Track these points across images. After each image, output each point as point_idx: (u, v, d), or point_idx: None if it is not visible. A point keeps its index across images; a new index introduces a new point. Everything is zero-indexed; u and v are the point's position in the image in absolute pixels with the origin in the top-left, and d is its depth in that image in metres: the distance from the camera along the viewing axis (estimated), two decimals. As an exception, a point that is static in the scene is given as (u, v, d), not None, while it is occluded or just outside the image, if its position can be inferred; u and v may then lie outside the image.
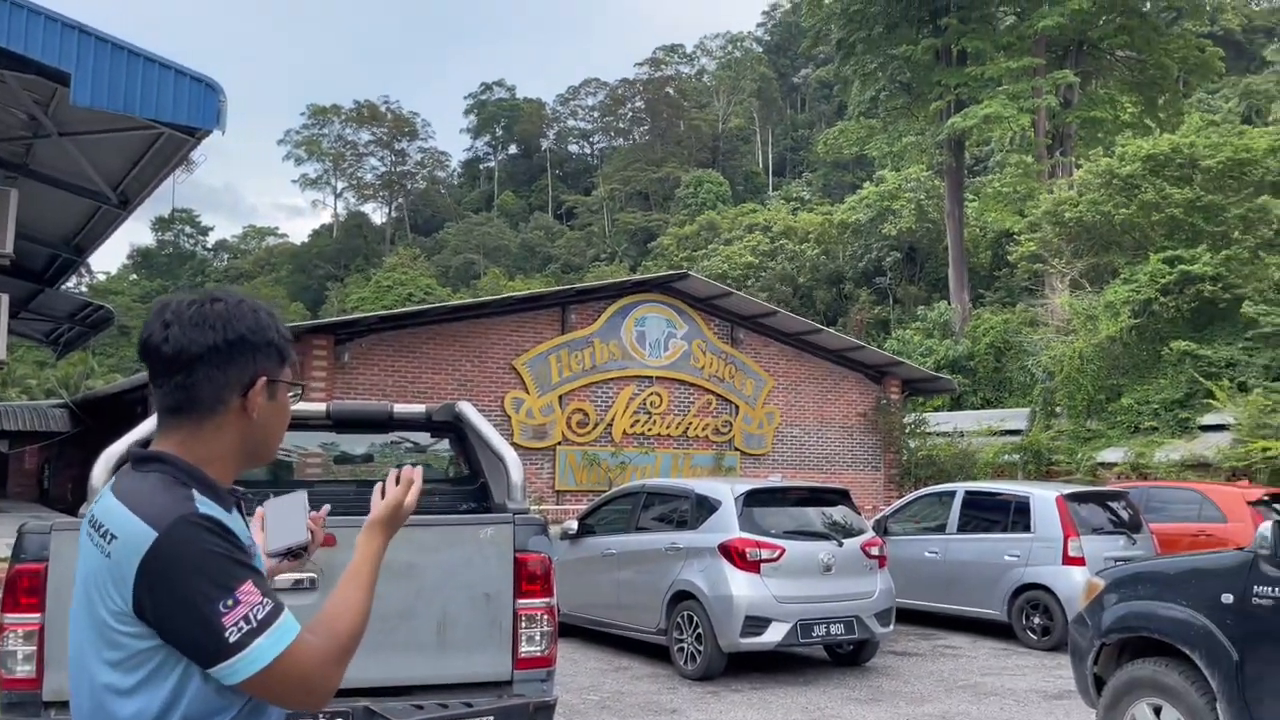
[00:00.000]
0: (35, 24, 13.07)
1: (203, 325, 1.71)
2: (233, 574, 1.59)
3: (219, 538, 1.61)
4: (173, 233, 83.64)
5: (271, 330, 1.77)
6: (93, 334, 29.25)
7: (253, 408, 1.72)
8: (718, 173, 70.56)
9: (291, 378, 1.82)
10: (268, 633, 1.58)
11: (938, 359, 30.48)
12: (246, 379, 1.72)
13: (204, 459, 1.70)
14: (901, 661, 9.58)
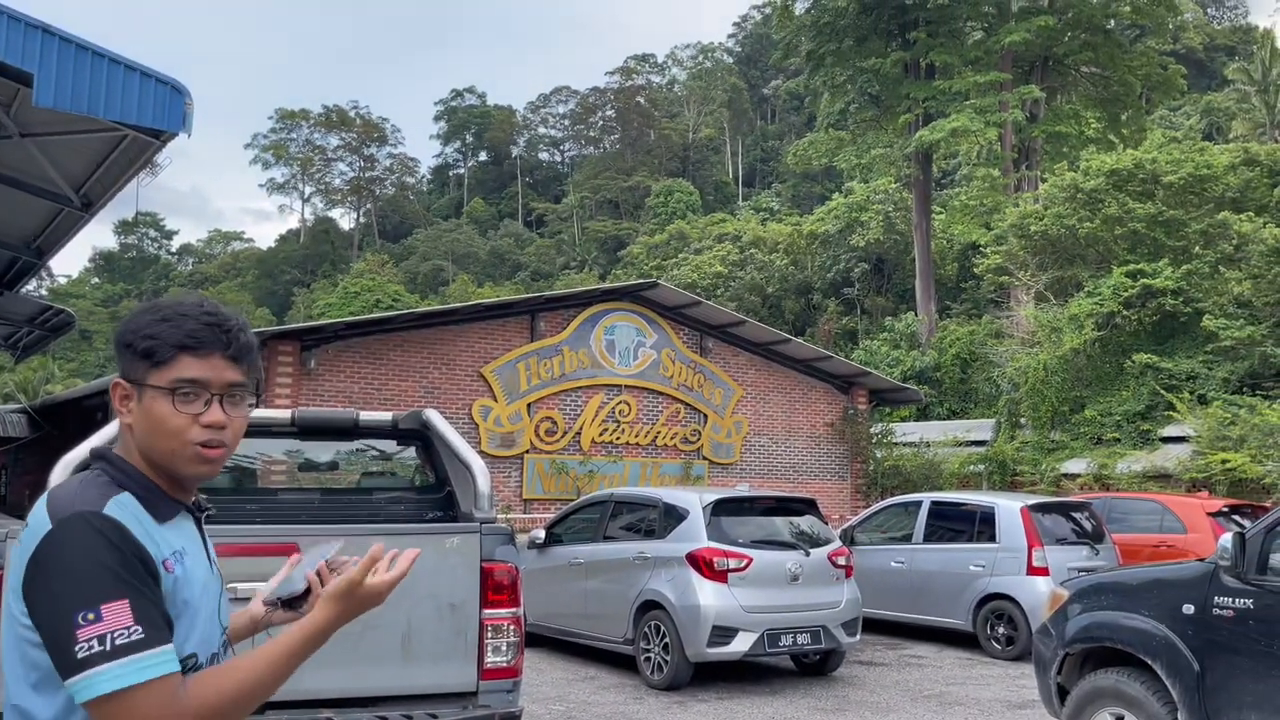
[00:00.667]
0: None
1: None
2: (106, 587, 1.46)
3: (110, 545, 1.49)
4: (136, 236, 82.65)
5: (131, 332, 1.63)
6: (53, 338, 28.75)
7: (118, 412, 1.64)
8: (688, 182, 70.82)
9: (167, 380, 1.60)
10: (121, 661, 1.43)
11: (904, 370, 30.70)
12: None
13: (137, 462, 1.63)
14: (868, 671, 9.61)
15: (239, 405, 1.68)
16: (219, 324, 1.66)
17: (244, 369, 1.68)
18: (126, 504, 1.57)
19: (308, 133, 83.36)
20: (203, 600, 1.64)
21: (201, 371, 1.62)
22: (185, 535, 1.66)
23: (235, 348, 1.66)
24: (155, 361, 1.61)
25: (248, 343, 1.69)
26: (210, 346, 1.63)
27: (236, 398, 1.68)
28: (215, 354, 1.64)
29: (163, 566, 1.56)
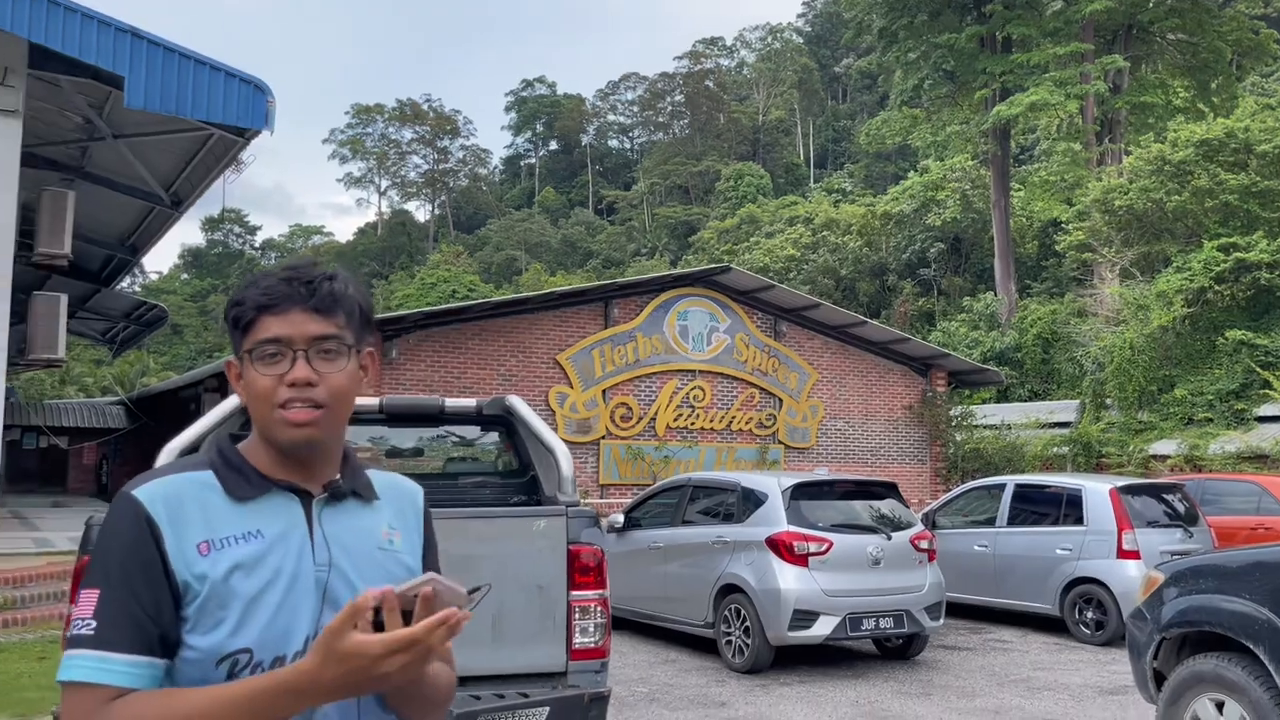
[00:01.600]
0: (89, 28, 13.34)
1: None
2: (94, 573, 1.42)
3: (115, 530, 1.44)
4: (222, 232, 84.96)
5: (227, 306, 1.57)
6: (147, 332, 29.86)
7: (235, 391, 1.56)
8: (758, 165, 70.28)
9: (252, 344, 1.50)
10: (68, 653, 1.38)
11: (984, 351, 30.13)
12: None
13: (251, 441, 1.56)
14: (952, 656, 9.50)
15: (333, 360, 1.51)
16: (297, 276, 1.53)
17: (334, 320, 1.52)
18: (181, 483, 1.48)
19: (383, 127, 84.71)
20: (272, 591, 1.44)
21: (282, 328, 1.49)
22: (272, 517, 1.49)
23: (317, 298, 1.52)
24: (243, 328, 1.52)
25: (333, 292, 1.53)
26: (289, 301, 1.51)
27: (329, 352, 1.51)
28: (295, 308, 1.51)
29: (196, 550, 1.43)
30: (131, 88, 13.37)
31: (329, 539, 1.51)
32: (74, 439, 28.46)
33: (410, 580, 1.33)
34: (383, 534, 1.59)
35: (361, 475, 1.62)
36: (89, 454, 29.40)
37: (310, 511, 1.52)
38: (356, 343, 1.56)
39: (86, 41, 13.32)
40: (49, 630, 9.12)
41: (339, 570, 1.50)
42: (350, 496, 1.57)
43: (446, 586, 1.32)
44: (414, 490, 1.72)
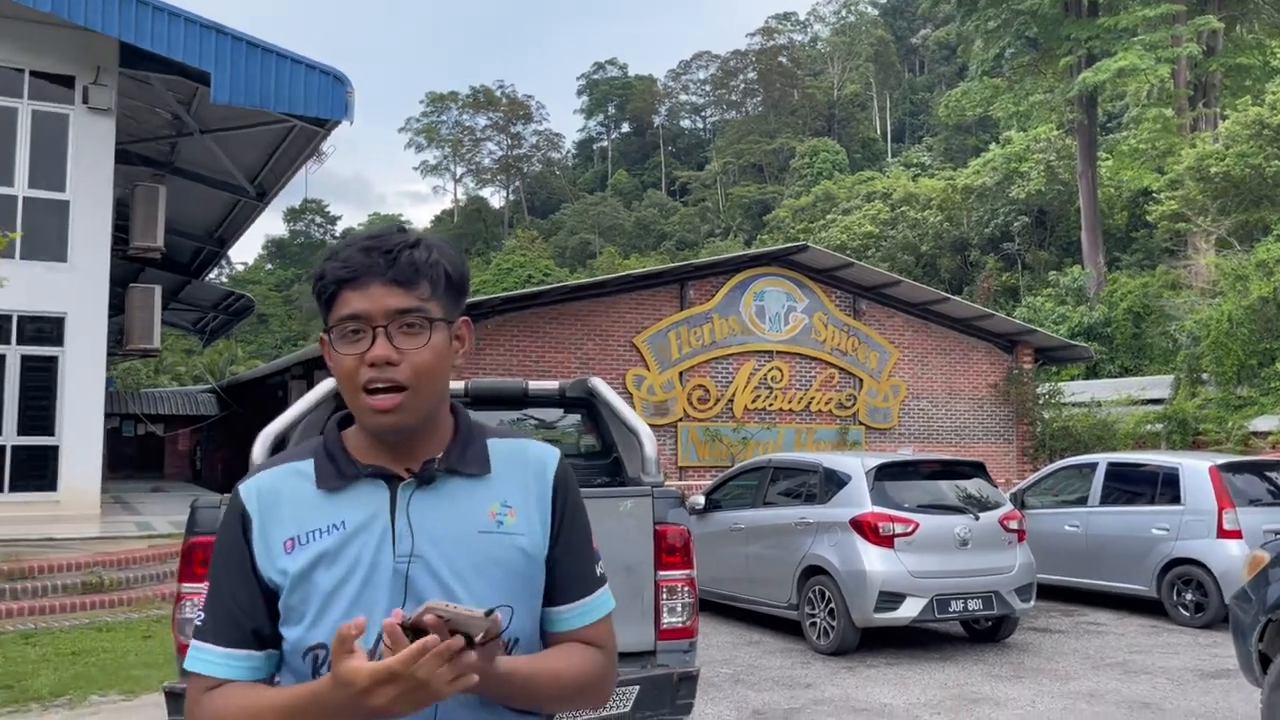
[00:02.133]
0: (176, 26, 13.70)
1: None
2: (209, 565, 1.49)
3: (225, 524, 1.48)
4: (304, 223, 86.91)
5: (314, 277, 1.49)
6: (235, 322, 30.79)
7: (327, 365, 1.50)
8: (834, 141, 69.26)
9: (334, 321, 1.43)
10: (190, 642, 1.45)
11: (1071, 326, 29.33)
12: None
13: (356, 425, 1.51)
14: (1043, 638, 9.29)
15: (416, 334, 1.41)
16: (377, 245, 1.42)
17: (416, 292, 1.42)
18: (279, 475, 1.47)
19: (457, 114, 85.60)
20: (349, 585, 1.39)
21: (361, 303, 1.40)
22: (358, 506, 1.43)
23: (396, 269, 1.41)
24: (326, 303, 1.45)
25: (413, 261, 1.42)
26: (368, 274, 1.41)
27: (411, 326, 1.41)
28: (374, 281, 1.40)
29: (283, 547, 1.42)
30: (217, 83, 13.73)
31: (414, 527, 1.41)
32: (169, 426, 29.48)
33: (436, 606, 1.21)
34: (489, 514, 1.45)
35: (474, 448, 1.49)
36: (183, 440, 30.41)
37: (395, 497, 1.43)
38: (446, 314, 1.45)
39: (174, 39, 13.69)
40: (152, 610, 9.47)
41: (423, 561, 1.39)
42: (450, 475, 1.45)
43: (455, 614, 1.19)
44: (543, 457, 1.54)
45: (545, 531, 1.49)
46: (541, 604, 1.51)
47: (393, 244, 1.43)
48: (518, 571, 1.45)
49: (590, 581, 1.54)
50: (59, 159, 14.57)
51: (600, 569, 1.57)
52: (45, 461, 14.32)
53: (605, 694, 1.54)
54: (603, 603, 1.55)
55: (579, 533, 1.55)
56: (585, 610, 1.53)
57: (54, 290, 14.21)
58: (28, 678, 7.06)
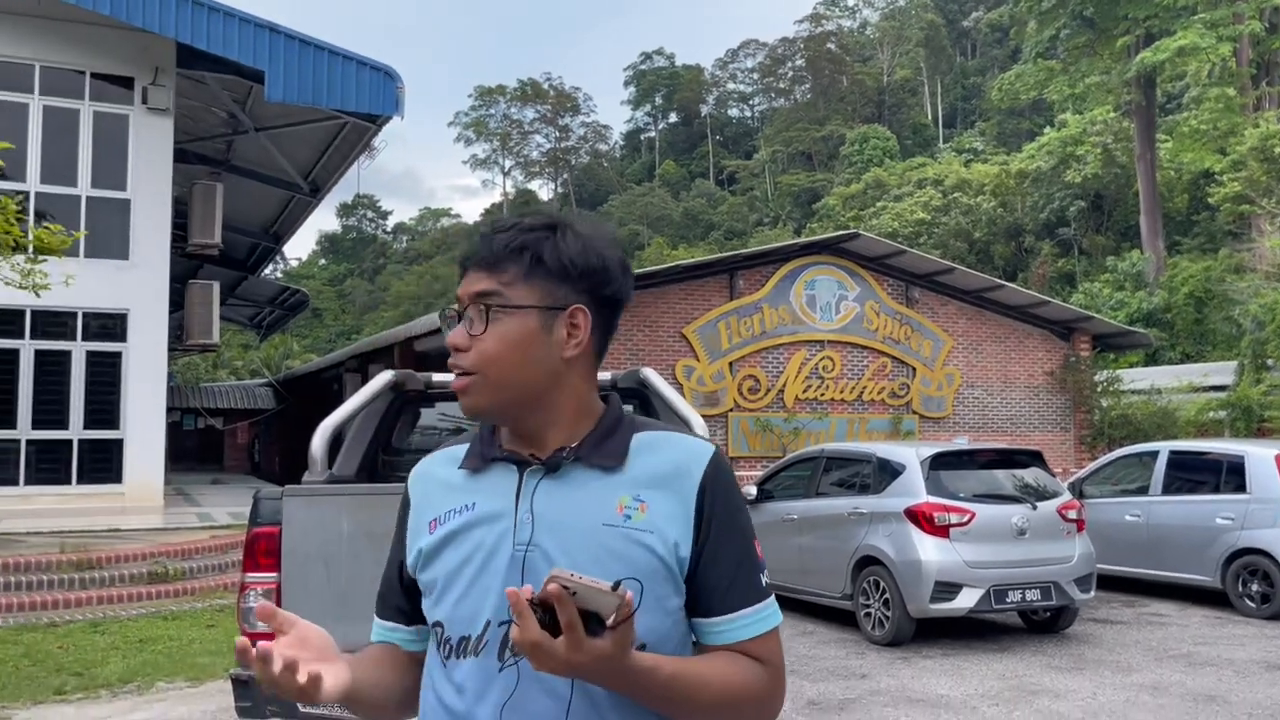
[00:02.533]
0: (231, 26, 13.93)
1: None
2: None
3: (400, 505, 1.55)
4: (355, 218, 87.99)
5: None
6: (290, 316, 31.32)
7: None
8: (884, 128, 68.46)
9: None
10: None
11: (1130, 312, 28.76)
12: None
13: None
14: (1104, 629, 9.14)
15: (492, 320, 1.38)
16: (491, 230, 1.44)
17: (500, 276, 1.39)
18: (440, 459, 1.52)
19: (505, 108, 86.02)
20: (468, 567, 1.38)
21: (460, 287, 1.43)
22: (489, 490, 1.42)
23: (483, 253, 1.41)
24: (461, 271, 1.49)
25: (505, 243, 1.40)
26: (470, 260, 1.43)
27: (481, 310, 1.38)
28: (472, 265, 1.42)
29: (428, 527, 1.45)
30: (271, 81, 13.95)
31: (535, 514, 1.37)
32: (228, 419, 30.08)
33: (561, 574, 1.14)
34: (617, 507, 1.36)
35: (614, 440, 1.42)
36: (242, 433, 31.02)
37: (521, 483, 1.40)
38: (540, 300, 1.38)
39: (230, 39, 13.93)
40: (214, 599, 9.68)
41: (540, 550, 1.35)
42: (580, 465, 1.39)
43: (580, 584, 1.12)
44: (691, 454, 1.42)
45: (687, 533, 1.37)
46: (689, 614, 1.40)
47: (505, 226, 1.43)
48: (642, 570, 1.34)
49: (750, 592, 1.40)
50: (120, 159, 14.92)
51: (765, 579, 1.44)
52: (111, 454, 14.70)
53: (766, 715, 1.40)
54: (765, 617, 1.41)
55: (734, 538, 1.41)
56: (743, 624, 1.39)
57: (117, 287, 14.57)
58: (97, 665, 7.27)
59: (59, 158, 14.66)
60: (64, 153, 14.69)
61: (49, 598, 9.19)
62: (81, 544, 10.42)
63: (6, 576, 9.36)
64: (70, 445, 14.58)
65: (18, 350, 14.29)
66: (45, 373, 14.47)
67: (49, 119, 14.64)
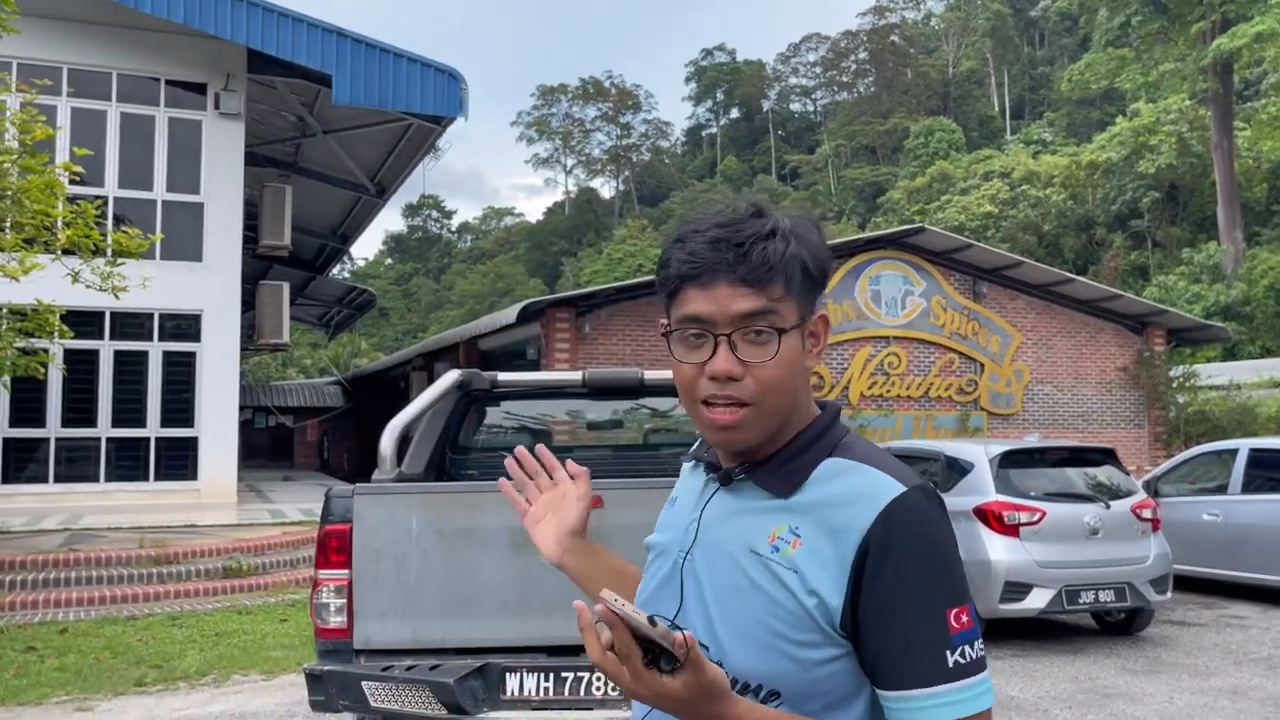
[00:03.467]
0: (300, 31, 14.20)
1: None
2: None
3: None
4: (421, 218, 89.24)
5: (659, 264, 1.34)
6: (358, 316, 31.86)
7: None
8: (949, 120, 67.39)
9: (675, 321, 1.29)
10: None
11: (1207, 305, 27.94)
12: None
13: None
14: (1181, 631, 8.89)
15: (765, 344, 1.24)
16: (728, 237, 1.25)
17: (768, 292, 1.24)
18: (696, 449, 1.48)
19: (567, 106, 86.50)
20: (659, 563, 1.39)
21: (704, 305, 1.24)
22: (689, 488, 1.42)
23: (747, 266, 1.23)
24: (669, 295, 1.30)
25: (767, 257, 1.24)
26: (714, 271, 1.24)
27: (760, 334, 1.24)
28: (720, 279, 1.24)
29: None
30: (338, 85, 14.20)
31: (703, 524, 1.31)
32: (298, 417, 30.69)
33: (608, 597, 1.07)
34: (769, 537, 1.25)
35: (798, 463, 1.29)
36: (311, 431, 31.63)
37: (707, 495, 1.35)
38: (801, 314, 1.27)
39: (298, 44, 14.20)
40: (287, 595, 9.89)
41: (694, 562, 1.30)
42: (753, 484, 1.30)
43: (624, 611, 1.05)
44: (868, 494, 1.23)
45: (839, 584, 1.20)
46: (873, 680, 1.23)
47: (745, 235, 1.25)
48: (780, 609, 1.21)
49: (925, 670, 1.17)
50: (193, 163, 15.31)
51: (959, 656, 1.18)
52: (186, 452, 15.10)
53: None
54: (949, 703, 1.17)
55: (907, 601, 1.18)
56: (916, 705, 1.17)
57: (191, 289, 14.96)
58: (175, 658, 7.47)
59: (135, 163, 15.09)
60: (140, 158, 15.11)
61: (129, 591, 9.47)
62: (160, 539, 10.72)
63: (89, 571, 9.67)
64: (148, 443, 15.00)
65: (97, 351, 14.75)
66: (123, 372, 14.91)
67: (126, 125, 15.08)
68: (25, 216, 9.33)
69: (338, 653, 3.98)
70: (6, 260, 9.44)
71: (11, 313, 10.12)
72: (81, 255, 10.07)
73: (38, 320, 10.00)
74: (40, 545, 10.38)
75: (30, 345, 10.34)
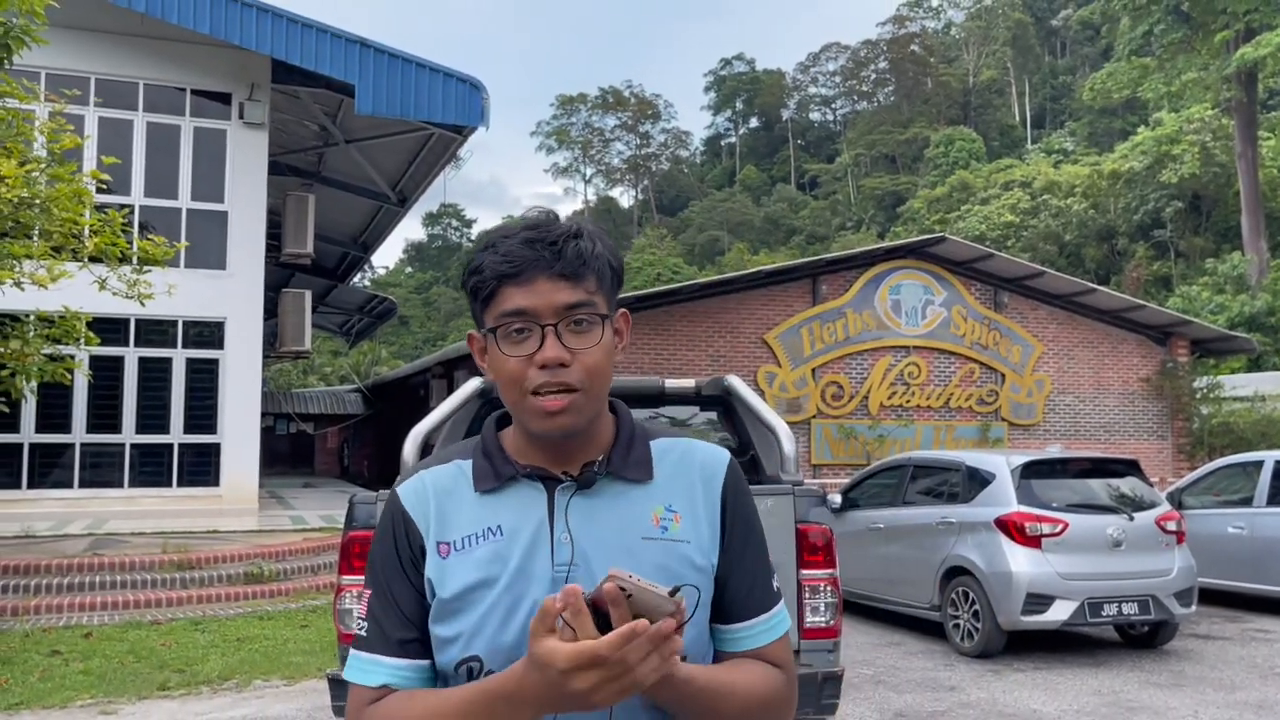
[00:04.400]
0: (324, 42, 14.33)
1: None
2: (367, 573, 1.39)
3: (383, 530, 1.39)
4: (441, 226, 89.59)
5: (465, 272, 1.36)
6: (379, 324, 32.03)
7: (480, 367, 1.40)
8: (969, 129, 67.19)
9: (494, 318, 1.31)
10: (351, 652, 1.35)
11: (1231, 316, 27.69)
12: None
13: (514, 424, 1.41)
14: (1205, 645, 8.81)
15: (587, 332, 1.30)
16: (541, 237, 1.30)
17: (584, 285, 1.31)
18: (437, 475, 1.39)
19: (586, 116, 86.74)
20: (506, 595, 1.29)
21: (526, 299, 1.29)
22: (513, 509, 1.34)
23: (564, 262, 1.29)
24: (483, 299, 1.33)
25: (580, 252, 1.31)
26: (532, 268, 1.29)
27: (581, 322, 1.30)
28: (539, 275, 1.29)
29: (436, 550, 1.33)
30: (361, 95, 14.32)
31: (574, 533, 1.30)
32: (318, 425, 30.86)
33: (619, 574, 1.08)
34: (653, 519, 1.33)
35: (637, 450, 1.38)
36: (332, 438, 31.79)
37: (553, 501, 1.33)
38: (609, 308, 1.34)
39: (321, 54, 14.33)
40: (308, 600, 9.94)
41: (584, 569, 1.28)
42: (610, 479, 1.34)
43: (640, 587, 1.07)
44: (711, 459, 1.41)
45: (714, 541, 1.36)
46: (710, 620, 1.37)
47: (556, 234, 1.31)
48: (689, 581, 1.29)
49: (767, 597, 1.40)
50: (218, 172, 15.46)
51: (776, 584, 1.42)
52: (209, 458, 15.21)
53: (786, 717, 1.39)
54: (781, 620, 1.41)
55: (753, 544, 1.41)
56: (763, 628, 1.38)
57: (215, 296, 15.08)
58: (198, 662, 7.53)
59: (161, 172, 15.24)
60: (166, 167, 15.27)
61: (152, 596, 9.55)
62: (182, 545, 10.80)
63: (114, 575, 9.75)
64: (171, 449, 15.12)
65: (122, 357, 14.89)
66: (147, 379, 15.04)
67: (152, 135, 15.24)
68: (54, 225, 9.45)
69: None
70: (36, 268, 9.55)
71: (40, 319, 10.23)
72: (108, 263, 10.18)
73: (65, 327, 10.11)
74: (65, 550, 10.48)
75: (57, 351, 10.45)
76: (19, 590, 9.35)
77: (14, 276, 9.22)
